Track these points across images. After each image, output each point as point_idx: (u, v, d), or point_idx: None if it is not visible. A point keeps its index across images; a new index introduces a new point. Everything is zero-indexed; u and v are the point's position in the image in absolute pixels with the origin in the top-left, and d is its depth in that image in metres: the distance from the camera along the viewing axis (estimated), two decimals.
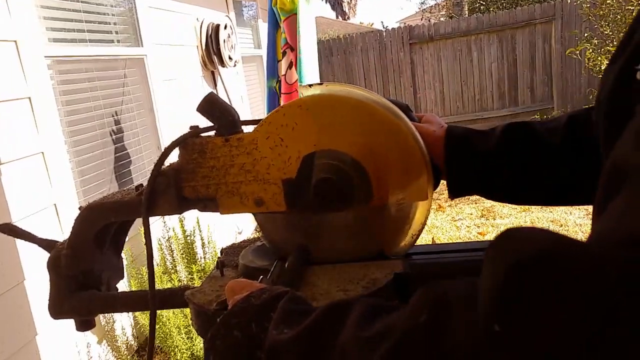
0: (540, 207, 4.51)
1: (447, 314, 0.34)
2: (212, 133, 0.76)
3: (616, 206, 0.32)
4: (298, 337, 0.45)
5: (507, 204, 4.64)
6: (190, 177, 0.75)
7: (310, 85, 0.77)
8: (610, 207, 0.33)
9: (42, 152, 2.30)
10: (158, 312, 2.67)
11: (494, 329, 0.30)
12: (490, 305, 0.31)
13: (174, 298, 0.81)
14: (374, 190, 0.72)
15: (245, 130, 0.76)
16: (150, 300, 0.74)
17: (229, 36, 4.45)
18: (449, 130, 0.78)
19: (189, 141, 0.75)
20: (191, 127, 0.75)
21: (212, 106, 0.75)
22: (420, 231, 0.79)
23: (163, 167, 0.76)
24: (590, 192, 0.74)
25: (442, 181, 0.81)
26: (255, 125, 0.74)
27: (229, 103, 0.77)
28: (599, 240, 0.31)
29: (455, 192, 0.79)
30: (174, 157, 0.78)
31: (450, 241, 4.07)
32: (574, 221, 4.15)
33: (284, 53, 3.44)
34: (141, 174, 3.28)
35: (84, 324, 0.85)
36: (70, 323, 0.86)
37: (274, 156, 0.73)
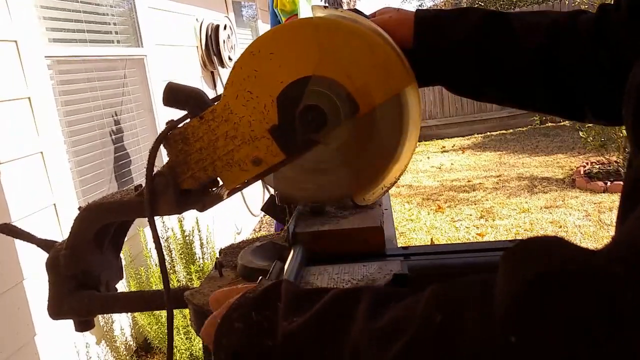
0: (540, 208, 4.51)
1: (460, 316, 0.35)
2: (188, 120, 0.76)
3: (633, 221, 0.32)
4: (309, 327, 0.45)
5: (507, 205, 4.65)
6: (185, 168, 0.75)
7: (325, 7, 0.76)
8: (629, 221, 0.33)
9: (42, 152, 2.30)
10: (157, 312, 2.67)
11: (510, 340, 0.31)
12: (508, 318, 0.31)
13: (176, 298, 0.81)
14: (357, 99, 0.70)
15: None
16: (166, 301, 0.74)
17: (228, 37, 4.45)
18: (420, 13, 0.76)
19: (170, 135, 0.75)
20: (167, 123, 0.75)
21: (175, 94, 0.75)
22: (393, 184, 0.79)
23: (157, 169, 0.76)
24: (557, 103, 0.74)
25: (437, 183, 0.80)
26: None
27: (189, 85, 0.77)
28: (614, 253, 0.32)
29: (421, 77, 0.75)
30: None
31: (449, 242, 4.07)
32: (573, 222, 4.15)
33: None
34: (141, 174, 3.28)
35: (83, 325, 0.85)
36: (69, 323, 0.86)
37: (250, 111, 0.72)
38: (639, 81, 0.43)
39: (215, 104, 0.74)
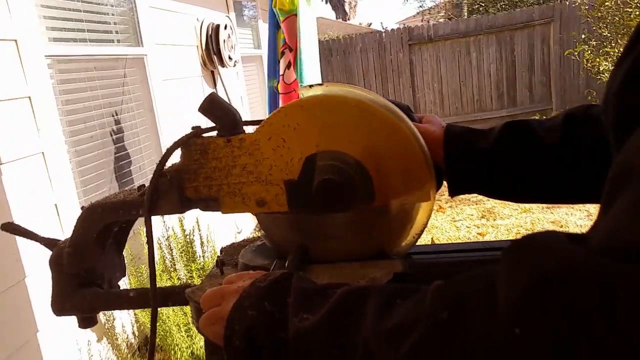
0: (541, 207, 4.52)
1: (465, 312, 0.36)
2: (214, 133, 0.77)
3: (620, 209, 0.34)
4: (320, 326, 0.46)
5: (508, 205, 4.66)
6: (192, 178, 0.76)
7: (310, 86, 0.77)
8: (615, 207, 0.34)
9: (43, 152, 2.30)
10: (158, 309, 2.67)
11: (514, 332, 0.32)
12: (512, 313, 0.33)
13: (175, 296, 0.82)
14: (375, 191, 0.73)
15: (246, 131, 0.77)
16: (152, 298, 0.75)
17: (229, 36, 4.46)
18: (448, 129, 0.79)
19: (191, 142, 0.75)
20: (193, 128, 0.76)
21: (214, 106, 0.75)
22: (422, 231, 0.80)
23: (165, 167, 0.77)
24: (589, 190, 0.75)
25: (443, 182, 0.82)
26: (257, 126, 0.75)
27: (230, 103, 0.78)
28: (604, 241, 0.33)
29: (455, 191, 0.80)
30: (175, 157, 0.79)
31: (450, 241, 4.07)
32: (574, 222, 4.16)
33: (282, 53, 3.45)
34: (141, 174, 3.29)
35: (86, 321, 0.85)
36: (70, 321, 0.87)
37: (276, 157, 0.73)
38: (615, 89, 0.44)
39: (247, 133, 0.75)
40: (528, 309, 0.32)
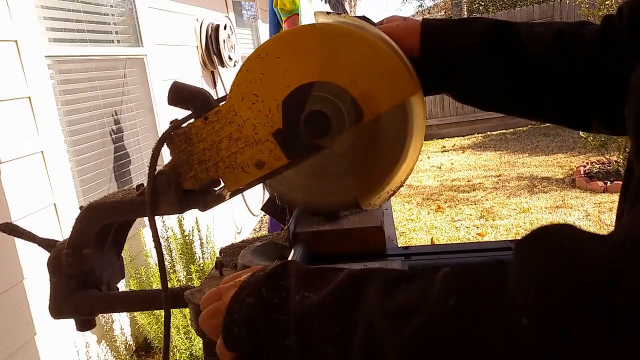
0: (540, 208, 4.51)
1: (475, 301, 0.36)
2: (192, 121, 0.76)
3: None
4: (323, 305, 0.46)
5: (507, 205, 4.65)
6: (187, 169, 0.75)
7: (328, 13, 0.77)
8: (636, 210, 0.34)
9: (42, 152, 2.30)
10: (157, 312, 2.67)
11: (524, 325, 0.32)
12: (525, 309, 0.32)
13: (175, 298, 0.81)
14: (362, 106, 0.71)
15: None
16: (164, 300, 0.74)
17: (228, 36, 4.45)
18: (426, 21, 0.77)
19: (173, 135, 0.75)
20: (170, 122, 0.76)
21: (180, 93, 0.75)
22: (398, 188, 0.79)
23: (159, 168, 0.76)
24: (558, 112, 0.74)
25: (438, 182, 0.81)
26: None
27: (195, 85, 0.77)
28: (623, 238, 0.33)
29: (426, 85, 0.76)
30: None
31: (449, 242, 4.07)
32: (573, 222, 4.14)
33: None
34: (141, 174, 3.28)
35: (85, 324, 0.85)
36: (69, 323, 0.86)
37: (255, 114, 0.72)
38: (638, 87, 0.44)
39: (220, 105, 0.74)
40: (543, 308, 0.32)
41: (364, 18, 0.78)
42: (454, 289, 0.38)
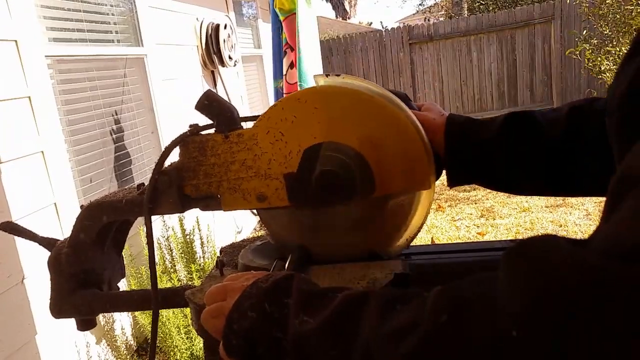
0: (540, 207, 4.51)
1: (467, 315, 0.36)
2: (211, 131, 0.76)
3: (622, 214, 0.34)
4: (321, 330, 0.46)
5: (507, 204, 4.65)
6: (191, 176, 0.75)
7: (327, 75, 0.77)
8: (617, 213, 0.34)
9: (42, 151, 2.30)
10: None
11: (514, 337, 0.32)
12: (513, 320, 0.33)
13: (175, 298, 0.81)
14: (375, 181, 0.72)
15: (244, 127, 0.76)
16: (153, 300, 0.74)
17: (228, 36, 4.45)
18: (450, 118, 0.79)
19: (189, 140, 0.75)
20: (190, 126, 0.75)
21: (210, 103, 0.75)
22: (416, 234, 0.79)
23: (164, 166, 0.76)
24: (589, 185, 0.75)
25: (438, 181, 0.81)
26: (254, 121, 0.75)
27: (226, 100, 0.77)
28: (605, 245, 0.33)
29: (454, 181, 0.79)
30: (174, 156, 0.78)
31: (450, 241, 4.07)
32: (573, 221, 4.15)
33: (285, 53, 3.45)
34: (141, 174, 3.28)
35: (85, 324, 0.85)
36: (69, 322, 0.86)
37: (275, 151, 0.73)
38: (618, 97, 0.45)
39: (244, 128, 0.74)
40: (531, 318, 0.32)
41: (404, 97, 0.79)
42: (445, 305, 0.38)
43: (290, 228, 0.82)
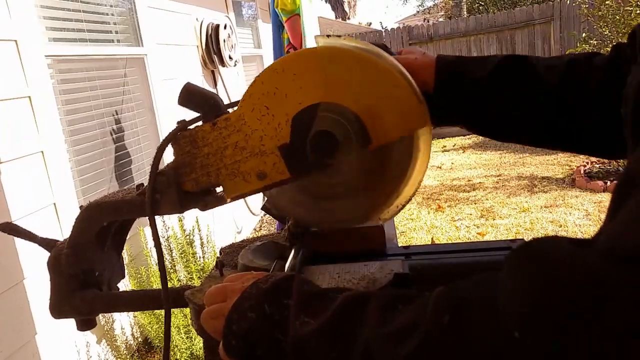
0: (539, 207, 4.51)
1: (468, 316, 0.36)
2: (200, 123, 0.76)
3: (625, 215, 0.34)
4: (321, 331, 0.46)
5: (507, 204, 4.65)
6: (189, 171, 0.75)
7: (328, 36, 0.78)
8: (620, 214, 0.34)
9: (42, 151, 2.30)
10: (157, 311, 2.67)
11: (516, 338, 0.32)
12: (515, 322, 0.33)
13: (176, 298, 0.81)
14: (370, 133, 0.71)
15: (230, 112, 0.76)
16: (164, 300, 0.74)
17: (228, 36, 4.45)
18: (441, 56, 0.78)
19: (179, 136, 0.75)
20: (178, 123, 0.76)
21: (191, 95, 0.75)
22: (407, 202, 0.79)
23: (161, 167, 0.76)
24: (576, 139, 0.74)
25: (438, 182, 0.81)
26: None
27: (206, 89, 0.77)
28: (607, 245, 0.33)
29: (441, 120, 0.77)
30: (171, 157, 0.78)
31: (450, 241, 4.07)
32: (573, 222, 4.15)
33: (287, 53, 3.45)
34: (141, 174, 3.28)
35: (85, 324, 0.85)
36: (69, 322, 0.86)
37: (264, 126, 0.72)
38: (637, 81, 0.44)
39: (230, 112, 0.74)
40: (531, 318, 0.32)
41: (382, 46, 0.79)
42: (447, 306, 0.38)
43: (294, 200, 0.82)
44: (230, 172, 0.75)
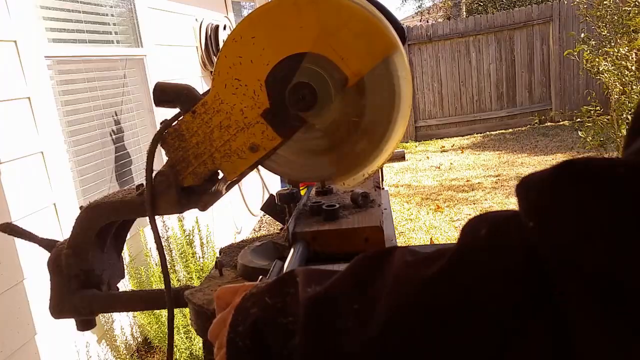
0: None
1: (505, 229, 0.38)
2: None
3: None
4: (338, 285, 0.45)
5: (506, 205, 4.64)
6: (185, 165, 0.76)
7: None
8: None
9: (42, 152, 2.30)
10: (157, 312, 2.67)
11: (529, 225, 0.35)
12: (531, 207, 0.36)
13: (176, 298, 0.82)
14: (344, 70, 0.71)
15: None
16: (167, 300, 0.75)
17: None
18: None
19: (166, 135, 0.76)
20: (161, 123, 0.76)
21: (164, 93, 0.76)
22: (373, 173, 0.80)
23: (159, 169, 0.77)
24: None
25: (437, 182, 0.81)
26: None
27: (176, 83, 0.78)
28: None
29: None
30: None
31: (449, 242, 4.07)
32: None
33: None
34: (141, 174, 3.28)
35: (85, 324, 0.85)
36: (69, 322, 0.87)
37: (241, 99, 0.72)
38: None
39: (206, 96, 0.74)
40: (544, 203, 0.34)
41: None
42: (482, 222, 0.39)
43: (278, 157, 0.80)
44: (223, 154, 0.75)
